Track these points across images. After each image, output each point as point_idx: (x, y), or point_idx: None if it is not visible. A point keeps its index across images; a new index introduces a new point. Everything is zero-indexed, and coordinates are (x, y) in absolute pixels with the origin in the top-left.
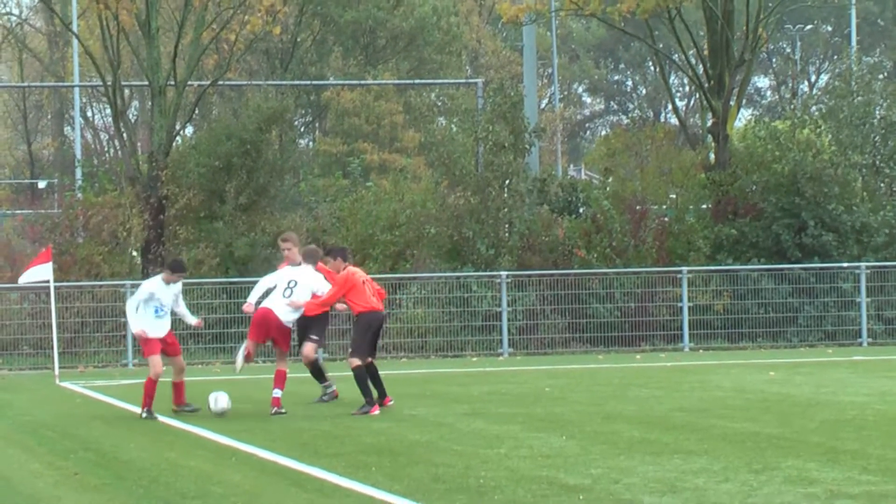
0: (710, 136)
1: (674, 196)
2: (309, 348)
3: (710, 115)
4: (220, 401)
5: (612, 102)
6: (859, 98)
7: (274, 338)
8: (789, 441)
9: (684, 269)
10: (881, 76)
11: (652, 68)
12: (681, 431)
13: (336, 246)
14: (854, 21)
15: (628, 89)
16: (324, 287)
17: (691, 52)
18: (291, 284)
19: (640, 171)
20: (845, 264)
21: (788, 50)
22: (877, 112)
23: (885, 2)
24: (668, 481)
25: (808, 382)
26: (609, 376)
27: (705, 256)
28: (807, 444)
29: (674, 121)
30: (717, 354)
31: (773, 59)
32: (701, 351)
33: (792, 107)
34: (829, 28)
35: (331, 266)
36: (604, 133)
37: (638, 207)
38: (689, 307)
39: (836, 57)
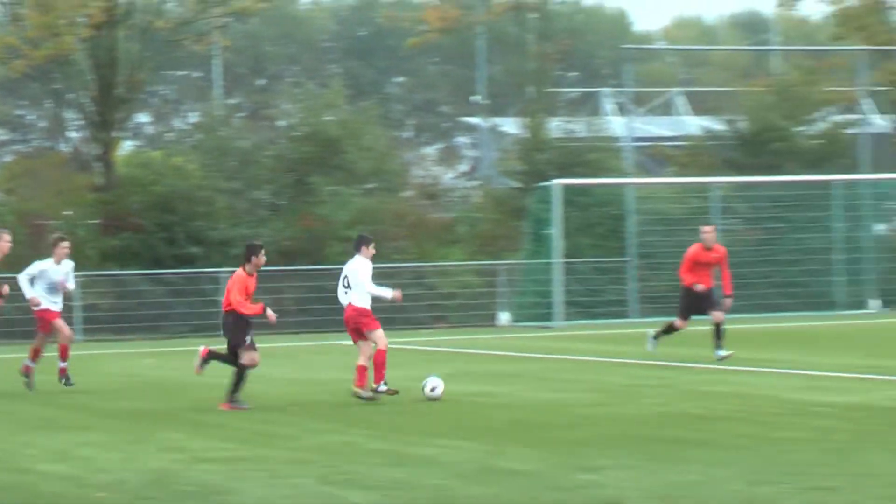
0: (99, 162)
1: (70, 212)
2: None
3: (99, 145)
4: (437, 388)
5: (16, 133)
6: (222, 132)
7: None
8: (163, 415)
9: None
10: (239, 115)
11: (50, 105)
12: (72, 410)
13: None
14: (219, 69)
15: (29, 122)
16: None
17: (84, 91)
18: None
19: (40, 191)
20: (209, 270)
21: (166, 91)
22: (236, 144)
23: (241, 54)
24: (61, 451)
25: (184, 367)
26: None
27: (95, 264)
28: (178, 419)
29: (69, 150)
30: (105, 345)
31: (154, 98)
32: (91, 343)
33: (167, 139)
34: (200, 74)
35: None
36: (7, 159)
37: (37, 222)
38: (81, 305)
39: (204, 99)
